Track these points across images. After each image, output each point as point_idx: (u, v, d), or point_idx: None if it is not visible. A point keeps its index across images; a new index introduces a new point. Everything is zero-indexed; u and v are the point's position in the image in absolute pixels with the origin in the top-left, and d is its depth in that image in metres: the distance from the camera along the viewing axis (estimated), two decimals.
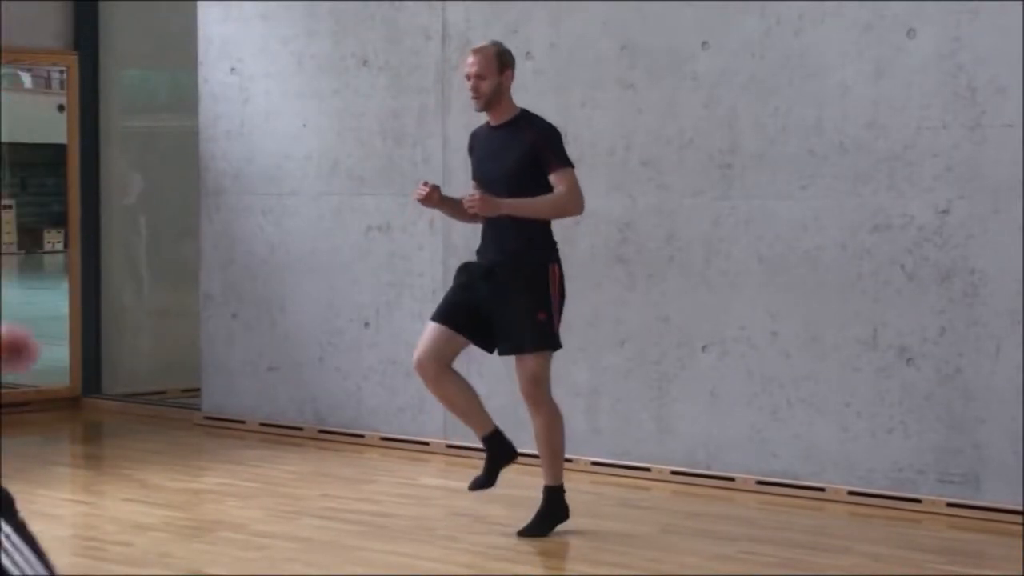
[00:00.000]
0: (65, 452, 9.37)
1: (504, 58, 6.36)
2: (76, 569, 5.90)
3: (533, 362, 6.29)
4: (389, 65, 8.64)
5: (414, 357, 6.40)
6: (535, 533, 6.37)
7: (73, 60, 10.33)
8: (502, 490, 6.69)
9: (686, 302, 7.56)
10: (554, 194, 6.27)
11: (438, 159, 8.39)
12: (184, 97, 10.23)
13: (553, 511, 6.43)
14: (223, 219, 9.41)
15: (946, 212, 6.82)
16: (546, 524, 6.41)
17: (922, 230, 6.88)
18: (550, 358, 6.36)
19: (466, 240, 7.66)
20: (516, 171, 6.27)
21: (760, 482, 7.36)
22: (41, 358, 3.38)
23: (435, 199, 6.34)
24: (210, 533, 6.56)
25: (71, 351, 10.26)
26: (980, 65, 6.72)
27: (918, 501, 6.92)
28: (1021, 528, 6.51)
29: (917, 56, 6.87)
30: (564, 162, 6.30)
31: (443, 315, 6.38)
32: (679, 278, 7.57)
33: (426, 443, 8.48)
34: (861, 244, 7.05)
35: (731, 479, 7.45)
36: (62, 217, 10.67)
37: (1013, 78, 6.62)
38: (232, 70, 9.34)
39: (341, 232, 8.86)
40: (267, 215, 9.19)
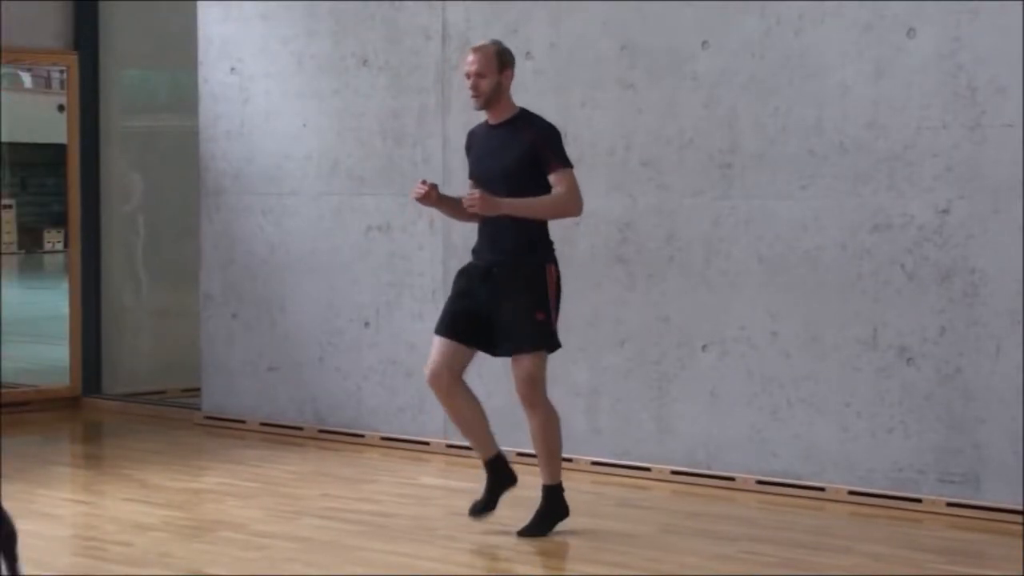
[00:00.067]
0: (65, 452, 9.37)
1: (504, 57, 6.37)
2: (76, 569, 5.90)
3: (530, 362, 6.28)
4: (389, 65, 8.64)
5: (427, 372, 6.40)
6: (535, 533, 6.38)
7: (73, 60, 10.33)
8: None
9: (686, 302, 7.55)
10: (554, 195, 6.27)
11: (438, 159, 8.39)
12: (184, 97, 10.23)
13: (552, 510, 6.43)
14: (223, 219, 9.41)
15: (946, 212, 6.82)
16: (546, 523, 6.41)
17: (922, 230, 6.88)
18: (546, 359, 6.36)
19: (466, 240, 7.65)
20: (515, 170, 6.27)
21: (760, 482, 7.36)
22: (41, 358, 3.38)
23: (433, 198, 6.34)
24: (210, 533, 6.56)
25: (71, 351, 10.26)
26: (980, 65, 6.71)
27: (918, 501, 6.92)
28: (1021, 528, 6.50)
29: (917, 56, 6.87)
30: (564, 162, 6.30)
31: (447, 328, 6.38)
32: (679, 278, 7.57)
33: (426, 443, 8.48)
34: (861, 244, 7.04)
35: (731, 479, 7.45)
36: (62, 217, 10.67)
37: (1013, 78, 6.62)
38: (232, 70, 9.34)
39: (341, 232, 8.86)
40: (267, 215, 9.19)
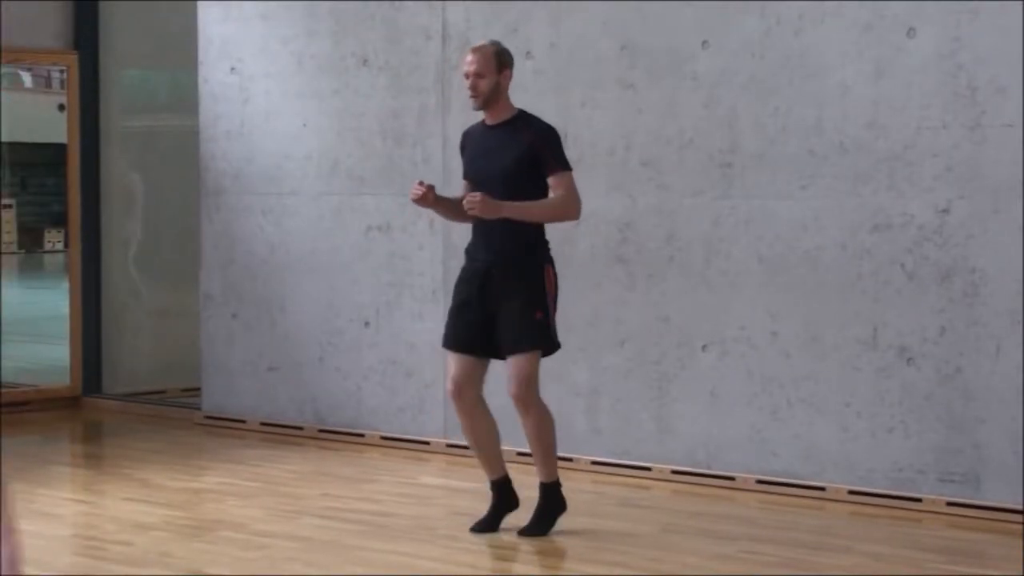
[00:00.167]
0: (65, 451, 9.37)
1: (503, 57, 6.36)
2: (76, 569, 5.90)
3: (526, 361, 6.26)
4: (389, 65, 8.64)
5: (450, 387, 6.38)
6: (535, 532, 6.37)
7: (73, 60, 10.33)
8: None
9: (686, 302, 7.56)
10: (553, 199, 6.27)
11: (438, 159, 8.39)
12: (184, 97, 10.23)
13: (551, 507, 6.43)
14: (223, 219, 9.41)
15: (946, 212, 6.82)
16: (545, 521, 6.41)
17: (922, 230, 6.88)
18: (540, 359, 6.35)
19: (466, 240, 7.64)
20: (514, 171, 6.26)
21: (760, 482, 7.36)
22: (41, 357, 3.38)
23: (430, 199, 6.33)
24: (210, 533, 6.56)
25: (71, 351, 10.26)
26: (980, 65, 6.72)
27: (918, 500, 6.92)
28: (1021, 527, 6.51)
29: (917, 56, 6.87)
30: (563, 166, 6.30)
31: (460, 342, 6.37)
32: (679, 278, 7.57)
33: (426, 443, 8.48)
34: (861, 244, 7.05)
35: (731, 479, 7.45)
36: (62, 217, 10.67)
37: (1013, 78, 6.62)
38: (232, 70, 9.34)
39: (341, 232, 8.86)
40: (267, 215, 9.19)
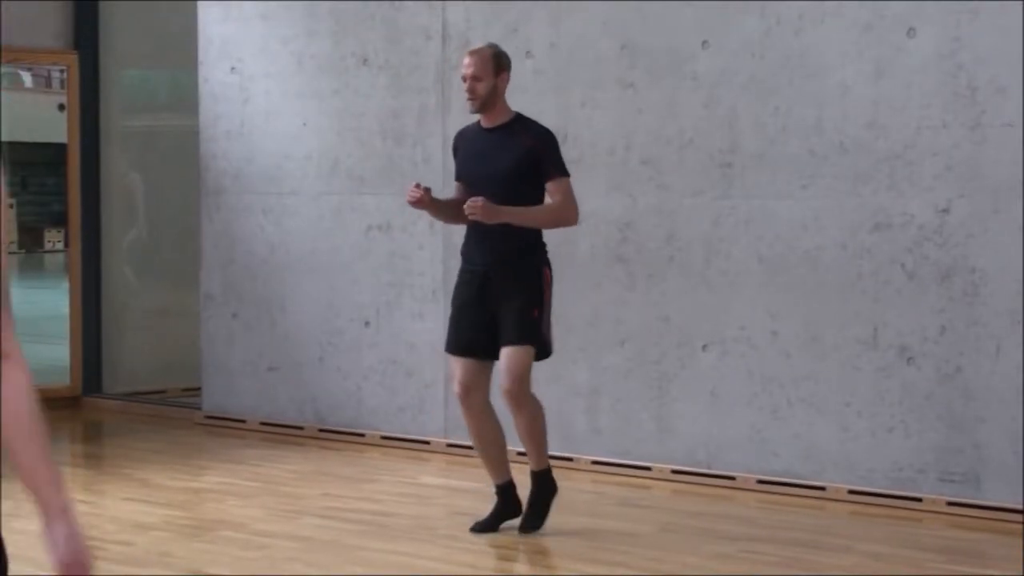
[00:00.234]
0: (65, 451, 9.36)
1: (500, 60, 6.36)
2: None
3: (519, 356, 6.24)
4: (389, 65, 8.64)
5: (458, 391, 6.38)
6: (534, 524, 6.38)
7: (73, 60, 10.33)
8: None
9: (686, 302, 7.55)
10: (552, 204, 6.27)
11: (438, 159, 8.39)
12: (184, 97, 10.23)
13: (543, 492, 6.43)
14: (223, 219, 9.41)
15: (946, 211, 6.82)
16: (540, 510, 6.40)
17: (922, 229, 6.88)
18: (532, 358, 6.34)
19: None
20: (511, 174, 6.25)
21: (760, 481, 7.36)
22: (41, 357, 3.38)
23: (426, 202, 6.32)
24: (211, 532, 6.56)
25: (71, 350, 10.25)
26: (980, 65, 6.72)
27: (919, 500, 6.92)
28: (1021, 527, 6.50)
29: (917, 56, 6.87)
30: (562, 171, 6.30)
31: (464, 347, 6.36)
32: (679, 278, 7.57)
33: (426, 442, 8.48)
34: (861, 244, 7.05)
35: (731, 478, 7.45)
36: (62, 216, 10.68)
37: (1013, 78, 6.62)
38: (232, 70, 9.34)
39: (341, 232, 8.86)
40: (267, 215, 9.20)
